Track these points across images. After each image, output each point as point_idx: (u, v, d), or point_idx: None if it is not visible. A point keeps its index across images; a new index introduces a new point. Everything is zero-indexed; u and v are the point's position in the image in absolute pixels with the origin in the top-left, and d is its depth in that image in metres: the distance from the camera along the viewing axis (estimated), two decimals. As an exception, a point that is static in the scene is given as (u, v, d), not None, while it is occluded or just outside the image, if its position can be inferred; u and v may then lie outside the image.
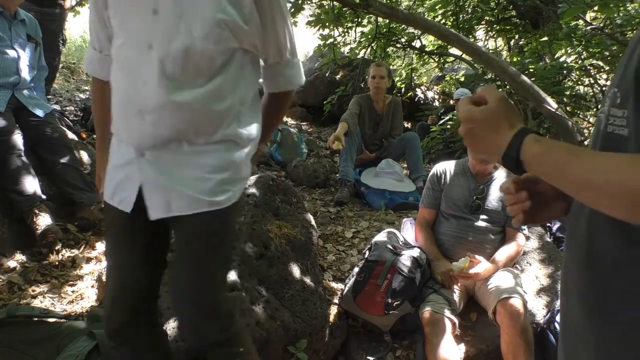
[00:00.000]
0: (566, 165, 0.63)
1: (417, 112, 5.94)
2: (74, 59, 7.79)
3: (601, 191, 0.60)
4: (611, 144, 0.67)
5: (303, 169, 4.02)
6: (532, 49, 5.38)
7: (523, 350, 1.80)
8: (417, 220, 2.42)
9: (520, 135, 0.68)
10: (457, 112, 0.76)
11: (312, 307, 1.94)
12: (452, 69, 7.61)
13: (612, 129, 0.67)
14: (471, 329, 2.12)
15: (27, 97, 2.62)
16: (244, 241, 1.99)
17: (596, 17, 4.81)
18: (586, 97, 4.70)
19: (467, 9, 5.92)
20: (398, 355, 2.02)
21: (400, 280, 2.05)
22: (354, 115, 3.84)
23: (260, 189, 2.36)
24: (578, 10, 3.04)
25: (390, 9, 4.20)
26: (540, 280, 2.41)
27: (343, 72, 6.02)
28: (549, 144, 0.67)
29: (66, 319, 1.78)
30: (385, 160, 3.82)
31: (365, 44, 5.51)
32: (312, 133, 5.78)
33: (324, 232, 2.94)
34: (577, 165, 0.62)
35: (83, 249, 2.54)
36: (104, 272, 2.14)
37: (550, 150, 0.66)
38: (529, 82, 3.71)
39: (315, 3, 5.23)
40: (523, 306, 1.89)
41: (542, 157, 0.66)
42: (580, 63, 4.23)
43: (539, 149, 0.66)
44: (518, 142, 0.68)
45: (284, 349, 1.76)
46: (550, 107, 3.66)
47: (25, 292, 2.12)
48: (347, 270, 2.48)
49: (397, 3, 5.56)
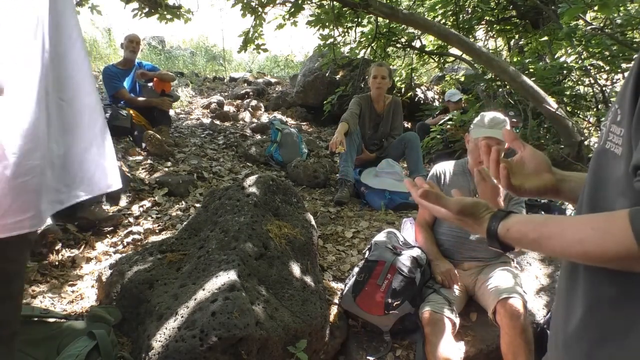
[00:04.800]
0: (540, 242, 0.71)
1: (417, 112, 5.94)
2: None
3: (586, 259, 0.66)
4: (608, 159, 0.69)
5: (303, 169, 4.03)
6: (532, 49, 5.38)
7: (523, 350, 1.80)
8: (417, 220, 2.42)
9: (492, 227, 0.79)
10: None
11: (312, 307, 1.94)
12: (452, 69, 7.61)
13: (610, 146, 0.69)
14: (471, 329, 2.12)
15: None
16: (243, 241, 1.99)
17: (596, 17, 4.81)
18: (586, 97, 4.70)
19: (467, 9, 5.92)
20: (398, 355, 2.02)
21: (400, 280, 2.05)
22: (354, 116, 3.84)
23: (260, 189, 2.36)
24: (578, 10, 3.04)
25: (390, 9, 4.20)
26: (540, 280, 2.41)
27: (343, 72, 6.02)
28: (517, 227, 0.76)
29: (66, 319, 1.78)
30: (385, 160, 3.82)
31: (365, 44, 5.51)
32: (312, 133, 5.79)
33: (324, 232, 2.94)
34: (551, 240, 0.70)
35: (83, 249, 2.55)
36: (104, 272, 2.14)
37: (522, 233, 0.75)
38: (529, 82, 3.71)
39: (315, 3, 5.23)
40: (523, 306, 1.89)
41: (517, 240, 0.76)
42: (580, 63, 4.23)
43: (510, 236, 0.76)
44: (493, 232, 0.79)
45: (284, 349, 1.76)
46: (550, 107, 3.67)
47: (25, 292, 2.12)
48: (347, 270, 2.49)
49: (397, 3, 5.56)
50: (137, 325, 1.84)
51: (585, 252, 0.63)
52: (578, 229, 0.65)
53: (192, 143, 4.62)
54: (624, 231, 0.57)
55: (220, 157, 4.35)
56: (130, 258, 2.16)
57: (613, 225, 0.60)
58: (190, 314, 1.63)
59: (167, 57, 9.65)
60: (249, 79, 8.12)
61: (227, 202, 2.28)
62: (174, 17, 4.65)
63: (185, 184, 3.43)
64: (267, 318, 1.73)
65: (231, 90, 7.35)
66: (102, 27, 9.32)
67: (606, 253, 0.61)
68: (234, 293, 1.69)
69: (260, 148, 4.62)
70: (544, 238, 0.70)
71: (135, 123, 4.24)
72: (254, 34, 4.85)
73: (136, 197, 3.19)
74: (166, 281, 1.95)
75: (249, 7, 4.60)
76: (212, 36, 17.57)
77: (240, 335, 1.56)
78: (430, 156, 4.70)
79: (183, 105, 6.43)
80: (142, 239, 2.72)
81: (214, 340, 1.52)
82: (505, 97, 4.27)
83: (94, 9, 4.81)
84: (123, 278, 2.00)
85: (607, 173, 0.69)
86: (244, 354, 1.58)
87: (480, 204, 0.84)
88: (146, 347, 1.59)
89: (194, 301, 1.68)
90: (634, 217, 0.57)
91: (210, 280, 1.76)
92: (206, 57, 10.58)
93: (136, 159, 3.84)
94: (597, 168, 0.71)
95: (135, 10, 4.48)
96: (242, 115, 6.05)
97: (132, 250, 2.56)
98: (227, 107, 6.40)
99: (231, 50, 11.27)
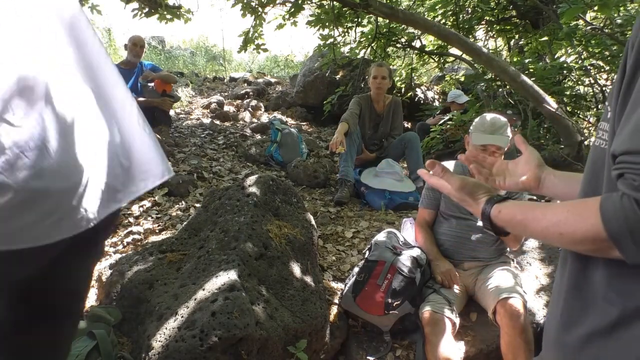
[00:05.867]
0: (526, 223, 0.75)
1: (417, 112, 5.94)
2: (74, 59, 7.77)
3: (562, 241, 0.69)
4: (596, 156, 0.72)
5: (303, 169, 4.02)
6: (532, 49, 5.38)
7: (523, 350, 1.80)
8: (417, 220, 2.42)
9: (486, 209, 0.83)
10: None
11: (312, 307, 1.94)
12: (452, 69, 7.61)
13: (599, 143, 0.71)
14: (471, 329, 2.12)
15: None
16: (243, 241, 1.99)
17: (596, 17, 4.81)
18: (586, 97, 4.70)
19: (467, 9, 5.92)
20: (398, 355, 2.02)
21: (400, 280, 2.05)
22: (354, 116, 3.84)
23: (260, 189, 2.36)
24: (578, 10, 3.05)
25: (390, 9, 4.20)
26: (540, 279, 2.41)
27: (343, 72, 6.01)
28: (508, 210, 0.80)
29: (66, 319, 1.78)
30: (385, 160, 3.82)
31: (365, 44, 5.51)
32: (312, 133, 5.78)
33: (324, 232, 2.94)
34: (534, 222, 0.73)
35: (83, 249, 2.54)
36: (104, 272, 2.14)
37: (511, 215, 0.79)
38: (529, 82, 3.71)
39: (315, 3, 5.23)
40: (523, 306, 1.89)
41: (507, 222, 0.80)
42: (580, 63, 4.23)
43: (501, 217, 0.80)
44: (487, 214, 0.83)
45: (284, 349, 1.76)
46: (550, 107, 3.67)
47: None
48: (347, 270, 2.49)
49: (397, 3, 5.56)
50: (137, 325, 1.84)
51: (560, 233, 0.67)
52: (556, 212, 0.69)
53: (192, 143, 4.63)
54: (594, 214, 0.61)
55: (220, 157, 4.35)
56: (130, 258, 2.16)
57: (585, 208, 0.64)
58: (190, 314, 1.63)
59: (167, 57, 9.66)
60: (249, 79, 8.13)
61: (227, 202, 2.28)
62: (174, 17, 4.65)
63: (185, 184, 3.43)
64: (267, 318, 1.73)
65: (231, 90, 7.35)
66: (102, 27, 9.33)
67: (576, 234, 0.64)
68: (234, 293, 1.69)
69: (260, 148, 4.62)
70: (528, 220, 0.74)
71: (135, 123, 4.24)
72: (254, 34, 4.85)
73: (136, 197, 3.19)
74: (166, 281, 1.95)
75: (249, 7, 4.61)
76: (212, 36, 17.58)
77: (240, 335, 1.56)
78: (430, 156, 4.69)
79: (183, 105, 6.43)
80: (142, 239, 2.72)
81: (214, 340, 1.52)
82: (505, 97, 4.27)
83: (94, 9, 4.81)
84: (123, 278, 2.00)
85: (596, 168, 0.71)
86: (244, 354, 1.58)
87: (482, 186, 0.88)
88: (146, 347, 1.59)
89: (194, 301, 1.68)
90: (604, 201, 0.61)
91: (210, 280, 1.76)
92: (206, 57, 10.58)
93: (136, 159, 3.83)
94: (590, 164, 0.74)
95: (135, 10, 4.48)
96: (242, 115, 6.05)
97: (132, 250, 2.56)
98: (227, 107, 6.40)
99: (231, 50, 11.29)
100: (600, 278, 0.67)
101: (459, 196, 0.90)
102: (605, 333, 0.65)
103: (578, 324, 0.70)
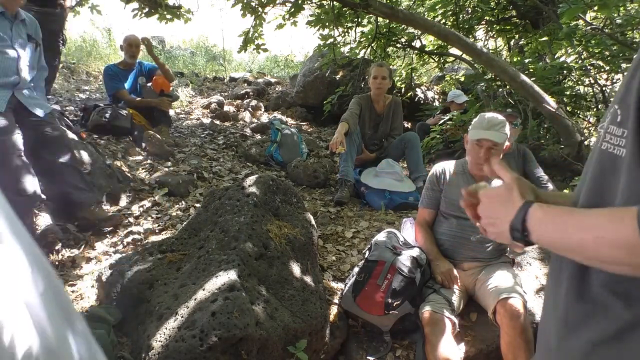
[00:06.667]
0: (565, 224, 0.66)
1: (417, 112, 5.94)
2: (74, 59, 7.79)
3: (598, 249, 0.61)
4: (604, 161, 0.68)
5: (303, 169, 4.02)
6: (532, 49, 5.38)
7: (523, 350, 1.80)
8: (417, 220, 2.42)
9: (527, 204, 0.72)
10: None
11: (312, 307, 1.94)
12: (452, 69, 7.60)
13: (607, 147, 0.67)
14: (471, 329, 2.12)
15: (27, 97, 2.62)
16: (243, 241, 1.99)
17: (596, 17, 4.81)
18: (586, 97, 4.70)
19: (467, 9, 5.92)
20: (398, 355, 2.02)
21: (400, 280, 2.05)
22: (354, 116, 3.84)
23: (260, 189, 2.36)
24: (578, 10, 3.05)
25: (390, 9, 4.20)
26: (540, 279, 2.40)
27: (343, 72, 6.01)
28: (551, 207, 0.70)
29: (66, 319, 1.78)
30: (385, 160, 3.82)
31: (365, 44, 5.51)
32: (312, 133, 5.78)
33: (324, 232, 2.94)
34: (574, 223, 0.65)
35: (83, 249, 2.55)
36: (104, 272, 2.14)
37: (552, 211, 0.69)
38: (529, 82, 3.71)
39: (315, 3, 5.23)
40: (523, 306, 1.89)
41: (543, 219, 0.69)
42: (580, 63, 4.23)
43: (541, 212, 0.70)
44: (525, 209, 0.72)
45: (284, 349, 1.76)
46: (550, 107, 3.67)
47: (25, 292, 2.11)
48: (347, 270, 2.48)
49: (397, 3, 5.55)
50: (137, 325, 1.84)
51: (598, 237, 0.61)
52: (593, 215, 0.64)
53: (192, 143, 4.62)
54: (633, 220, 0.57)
55: (220, 157, 4.35)
56: (130, 258, 2.16)
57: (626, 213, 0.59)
58: (190, 314, 1.63)
59: (167, 57, 9.64)
60: (249, 79, 8.12)
61: (227, 202, 2.28)
62: (174, 17, 4.65)
63: (185, 184, 3.43)
64: (267, 318, 1.73)
65: (231, 90, 7.35)
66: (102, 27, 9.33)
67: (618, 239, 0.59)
68: (234, 293, 1.69)
69: (260, 148, 4.62)
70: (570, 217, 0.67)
71: (135, 123, 4.24)
72: (254, 34, 4.85)
73: (136, 197, 3.20)
74: (166, 281, 1.95)
75: (249, 7, 4.60)
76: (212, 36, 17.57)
77: (240, 335, 1.56)
78: (430, 156, 4.70)
79: (183, 105, 6.43)
80: (142, 239, 2.72)
81: (214, 340, 1.52)
82: (505, 97, 4.27)
83: (94, 9, 4.81)
84: (123, 278, 2.00)
85: (605, 174, 0.67)
86: (244, 354, 1.58)
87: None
88: (146, 347, 1.59)
89: (194, 301, 1.68)
90: None
91: (210, 280, 1.76)
92: (206, 57, 10.57)
93: (136, 159, 3.84)
94: (596, 170, 0.70)
95: (135, 10, 4.48)
96: (242, 115, 6.05)
97: (132, 250, 2.56)
98: (227, 107, 6.40)
99: (231, 50, 11.27)
100: (601, 282, 0.66)
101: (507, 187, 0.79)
102: (614, 338, 0.64)
103: (583, 329, 0.68)
